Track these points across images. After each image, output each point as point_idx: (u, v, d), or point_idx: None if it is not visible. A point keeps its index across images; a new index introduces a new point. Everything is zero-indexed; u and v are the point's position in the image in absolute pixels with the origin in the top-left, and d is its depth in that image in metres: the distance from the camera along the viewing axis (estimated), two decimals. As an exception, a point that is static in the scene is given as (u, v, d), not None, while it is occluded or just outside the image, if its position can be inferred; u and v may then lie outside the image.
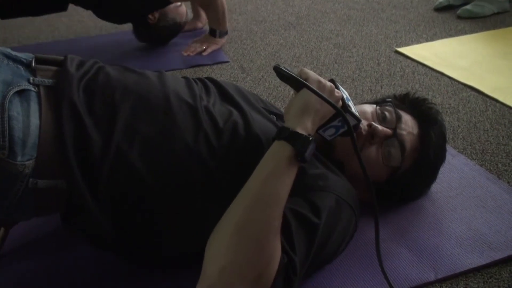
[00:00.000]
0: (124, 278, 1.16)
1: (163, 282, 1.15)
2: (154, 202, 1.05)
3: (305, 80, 1.04)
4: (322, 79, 1.06)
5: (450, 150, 1.49)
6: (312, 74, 1.06)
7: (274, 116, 1.24)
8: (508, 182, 1.46)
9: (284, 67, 1.05)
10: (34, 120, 1.01)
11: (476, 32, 2.63)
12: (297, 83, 1.05)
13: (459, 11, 2.84)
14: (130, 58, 2.49)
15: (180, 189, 1.05)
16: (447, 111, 1.87)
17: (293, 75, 1.04)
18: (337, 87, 1.09)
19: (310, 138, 0.99)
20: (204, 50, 2.48)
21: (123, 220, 1.05)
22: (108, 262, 1.20)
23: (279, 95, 2.03)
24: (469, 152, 1.62)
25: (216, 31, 2.52)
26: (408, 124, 1.27)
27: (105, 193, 1.02)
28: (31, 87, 1.04)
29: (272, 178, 0.98)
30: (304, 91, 1.03)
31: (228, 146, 1.09)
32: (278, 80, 1.07)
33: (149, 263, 1.16)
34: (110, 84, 1.12)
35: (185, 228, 1.07)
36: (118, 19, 2.61)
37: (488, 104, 1.92)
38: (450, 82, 2.10)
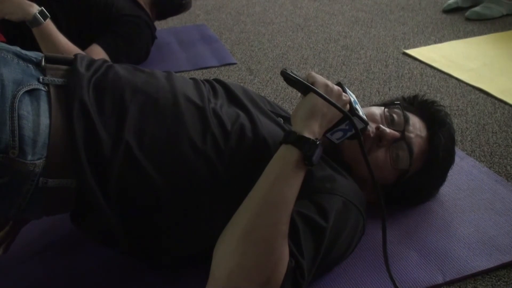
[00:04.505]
0: (132, 280, 1.17)
1: (169, 284, 1.15)
2: (162, 202, 1.05)
3: (312, 84, 1.05)
4: (329, 83, 1.06)
5: (458, 153, 1.49)
6: (319, 78, 1.06)
7: (281, 119, 1.24)
8: (517, 185, 1.46)
9: (291, 71, 1.05)
10: (44, 120, 1.00)
11: (485, 34, 2.62)
12: (304, 87, 1.05)
13: (467, 13, 2.83)
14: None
15: (187, 190, 1.05)
16: (455, 113, 1.86)
17: (300, 79, 1.05)
18: (344, 91, 1.09)
19: (317, 142, 1.00)
20: None
21: (132, 218, 1.05)
22: (116, 264, 1.20)
23: (287, 97, 2.03)
24: (477, 154, 1.61)
25: None
26: (416, 126, 1.27)
27: (115, 192, 1.02)
28: (41, 87, 1.04)
29: (279, 182, 0.98)
30: (311, 95, 1.03)
31: (235, 149, 1.09)
32: (285, 82, 1.08)
33: (156, 263, 1.17)
34: (120, 83, 1.12)
35: (192, 229, 1.08)
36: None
37: (497, 106, 1.91)
38: (458, 84, 2.10)
